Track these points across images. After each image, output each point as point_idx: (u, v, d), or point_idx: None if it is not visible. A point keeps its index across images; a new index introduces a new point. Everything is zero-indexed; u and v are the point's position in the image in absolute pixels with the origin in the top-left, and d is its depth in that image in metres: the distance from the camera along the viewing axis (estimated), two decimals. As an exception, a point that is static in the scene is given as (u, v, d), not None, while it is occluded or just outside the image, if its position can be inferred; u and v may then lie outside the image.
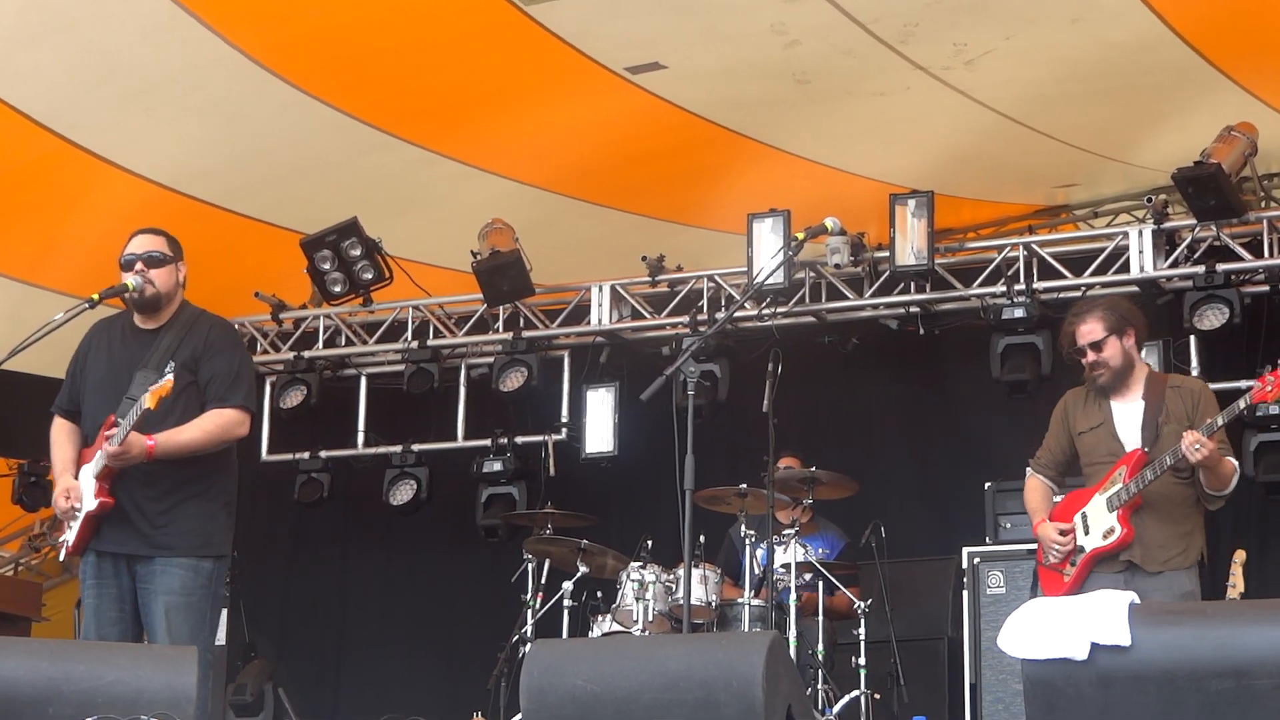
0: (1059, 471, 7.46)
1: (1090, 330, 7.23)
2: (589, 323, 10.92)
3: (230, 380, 6.91)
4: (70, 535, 6.86)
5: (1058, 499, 7.42)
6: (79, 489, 6.82)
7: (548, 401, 11.02)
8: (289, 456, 11.39)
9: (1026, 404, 9.73)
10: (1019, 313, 9.80)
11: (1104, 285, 9.76)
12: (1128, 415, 7.22)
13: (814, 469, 9.18)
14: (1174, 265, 9.75)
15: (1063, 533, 7.20)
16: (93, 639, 6.73)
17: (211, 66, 8.75)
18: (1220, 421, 6.93)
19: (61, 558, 6.93)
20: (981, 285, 10.06)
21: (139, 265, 6.91)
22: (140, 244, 6.97)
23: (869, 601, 8.99)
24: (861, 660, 8.84)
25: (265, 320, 11.41)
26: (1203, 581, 7.25)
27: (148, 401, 6.53)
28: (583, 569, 9.37)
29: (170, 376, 6.54)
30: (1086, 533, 7.15)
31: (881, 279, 10.23)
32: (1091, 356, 7.23)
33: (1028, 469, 7.53)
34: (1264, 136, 9.37)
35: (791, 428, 9.35)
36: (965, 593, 9.30)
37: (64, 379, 7.14)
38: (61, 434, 7.06)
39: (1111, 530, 7.05)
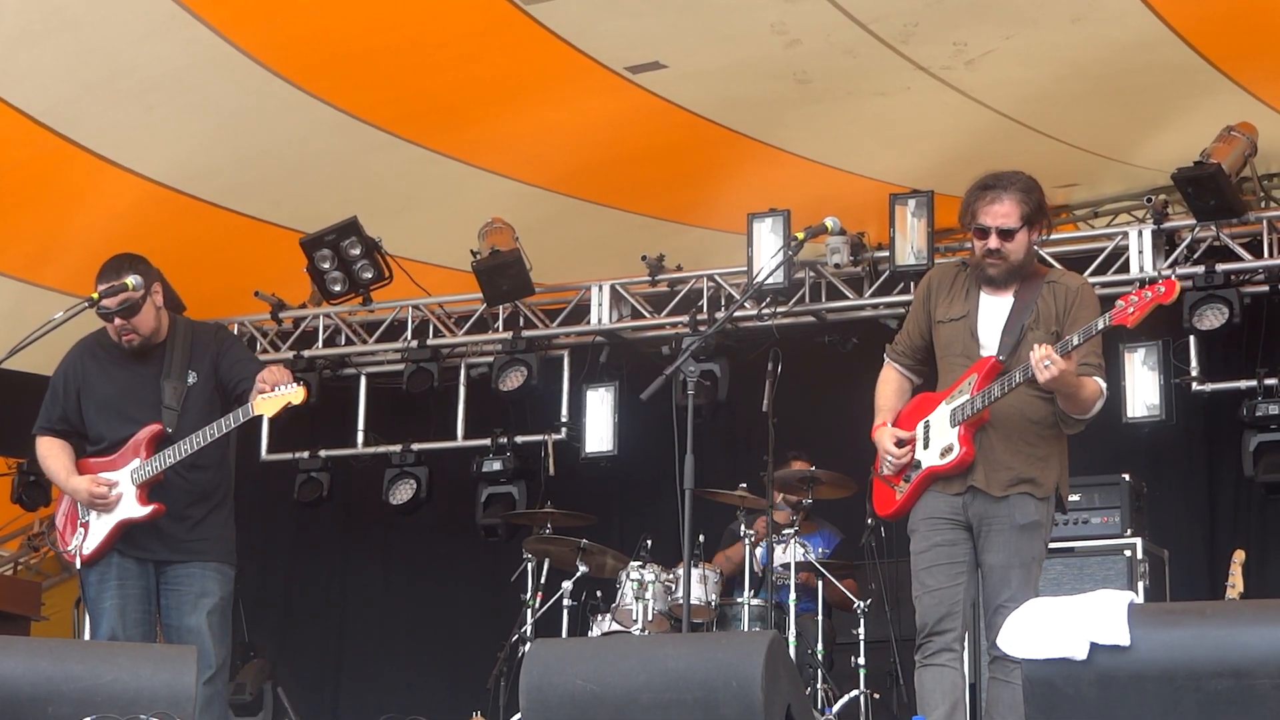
0: (916, 360, 6.63)
1: (1005, 214, 6.31)
2: (589, 322, 10.92)
3: (252, 358, 7.33)
4: (87, 542, 6.89)
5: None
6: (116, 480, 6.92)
7: (547, 401, 11.03)
8: (288, 456, 11.39)
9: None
10: (1019, 312, 9.78)
11: (1103, 285, 9.75)
12: (993, 312, 6.37)
13: (814, 468, 9.20)
14: (1174, 265, 9.74)
15: (900, 443, 6.44)
16: (119, 638, 6.80)
17: (212, 66, 8.75)
18: (1076, 340, 6.07)
19: (78, 565, 6.94)
20: (981, 285, 10.03)
21: (118, 321, 6.97)
22: (109, 296, 6.95)
23: (869, 601, 9.01)
24: (861, 660, 8.86)
25: (265, 319, 11.40)
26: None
27: (258, 409, 6.77)
28: (582, 568, 9.38)
29: (302, 386, 6.83)
30: (926, 446, 6.39)
31: (881, 279, 10.23)
32: (994, 243, 6.30)
33: (885, 356, 6.76)
34: (1264, 137, 9.37)
35: (791, 427, 9.35)
36: (965, 592, 9.28)
37: (48, 401, 7.21)
38: (54, 447, 7.15)
39: (950, 448, 6.28)
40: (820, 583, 9.18)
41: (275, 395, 6.74)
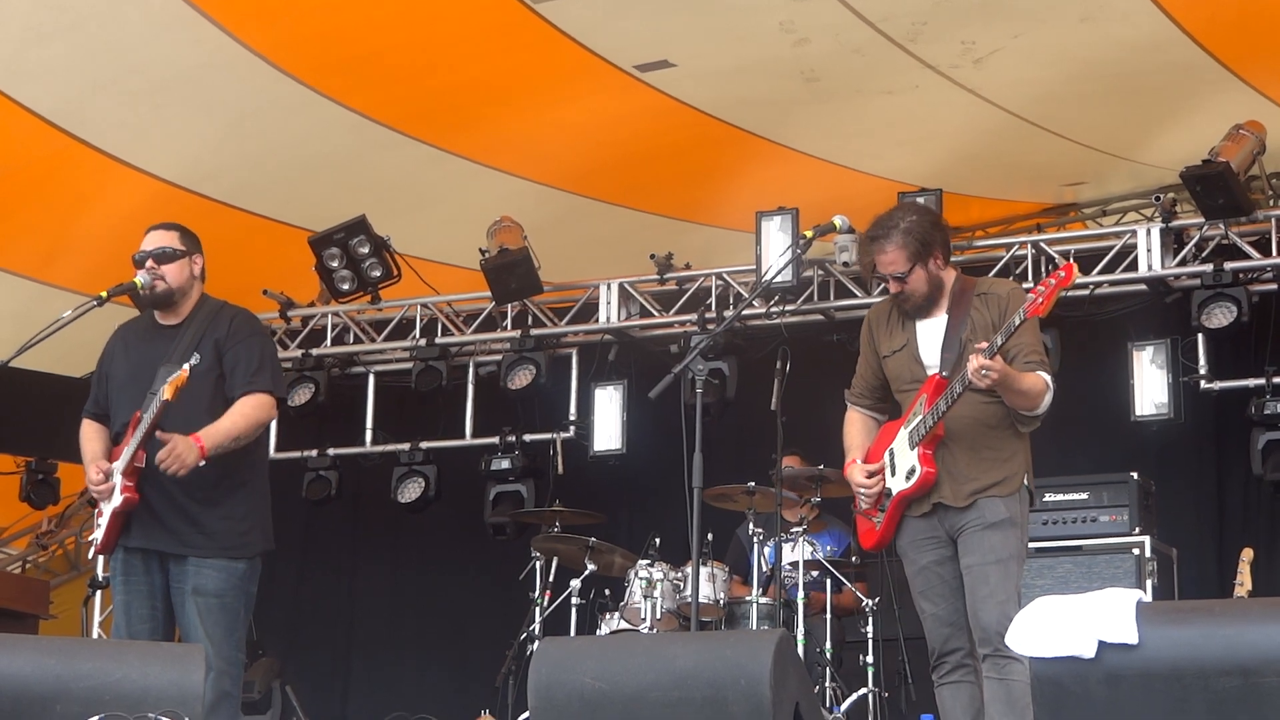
0: (876, 399, 6.70)
1: (891, 261, 6.48)
2: (597, 321, 10.93)
3: (255, 366, 6.82)
4: (98, 533, 6.85)
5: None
6: (112, 468, 6.77)
7: (556, 399, 11.03)
8: (297, 454, 11.40)
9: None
10: (1027, 311, 9.76)
11: (1112, 284, 9.76)
12: (931, 334, 6.51)
13: (822, 466, 9.18)
14: (1182, 264, 9.75)
15: (871, 474, 6.50)
16: (123, 637, 6.71)
17: (221, 64, 8.76)
18: (1000, 341, 6.14)
19: (91, 555, 6.90)
20: (989, 283, 10.02)
21: (150, 263, 6.88)
22: (152, 240, 6.91)
23: (877, 599, 9.00)
24: (869, 658, 8.85)
25: (274, 318, 11.40)
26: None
27: (166, 393, 6.47)
28: (591, 567, 9.39)
29: (186, 367, 6.49)
30: (893, 473, 6.46)
31: (890, 277, 10.21)
32: (895, 287, 6.51)
33: (846, 400, 6.84)
34: (1272, 135, 9.37)
35: (799, 426, 9.35)
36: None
37: (92, 383, 7.12)
38: (89, 431, 7.00)
39: (912, 470, 6.35)
40: (828, 585, 9.13)
41: (171, 379, 6.49)
